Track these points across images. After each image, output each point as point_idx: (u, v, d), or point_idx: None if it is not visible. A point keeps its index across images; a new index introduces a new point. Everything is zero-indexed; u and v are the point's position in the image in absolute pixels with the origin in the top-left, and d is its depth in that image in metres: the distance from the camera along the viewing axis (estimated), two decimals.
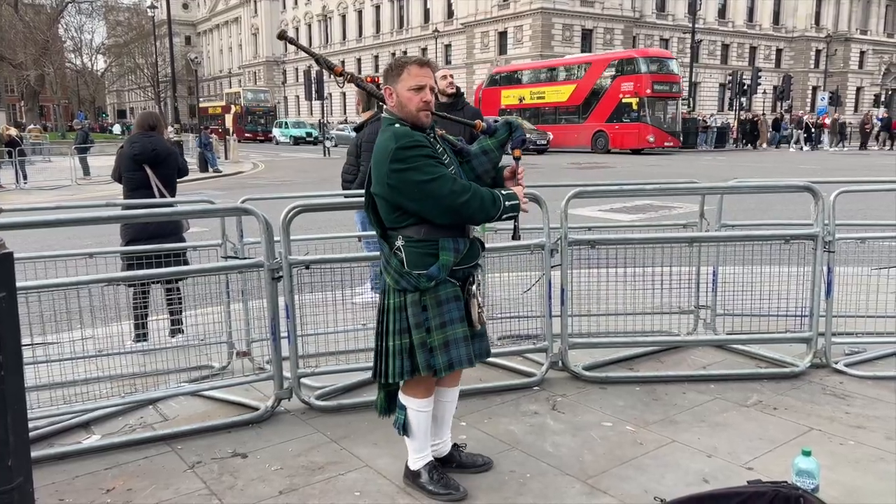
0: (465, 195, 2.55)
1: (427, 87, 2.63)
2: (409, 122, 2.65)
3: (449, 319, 2.68)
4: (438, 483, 2.86)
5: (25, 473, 1.59)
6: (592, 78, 33.24)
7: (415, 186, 2.54)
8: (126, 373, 3.92)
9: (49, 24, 50.75)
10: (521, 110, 34.95)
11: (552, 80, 35.85)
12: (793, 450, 2.98)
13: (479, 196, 2.59)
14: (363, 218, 6.04)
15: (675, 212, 10.83)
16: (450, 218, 2.61)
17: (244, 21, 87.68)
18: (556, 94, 35.05)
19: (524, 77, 37.76)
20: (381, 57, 69.72)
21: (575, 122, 33.78)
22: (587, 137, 32.65)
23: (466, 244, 2.70)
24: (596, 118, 32.67)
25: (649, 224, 8.64)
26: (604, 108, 32.34)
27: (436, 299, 2.66)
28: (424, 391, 2.81)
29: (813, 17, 66.18)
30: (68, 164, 21.47)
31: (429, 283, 2.63)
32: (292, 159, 32.03)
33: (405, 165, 2.54)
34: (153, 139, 5.14)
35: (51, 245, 6.68)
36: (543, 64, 39.81)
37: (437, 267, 2.63)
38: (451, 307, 2.68)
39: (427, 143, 2.60)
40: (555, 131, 33.25)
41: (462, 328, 2.71)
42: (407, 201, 2.58)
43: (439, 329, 2.67)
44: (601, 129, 32.20)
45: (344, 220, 7.17)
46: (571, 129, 33.54)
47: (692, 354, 4.57)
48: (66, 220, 3.55)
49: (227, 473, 3.11)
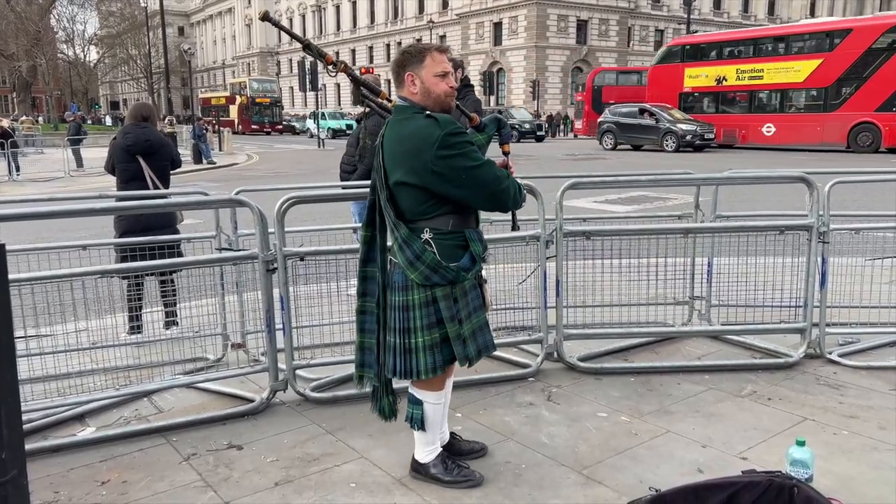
0: (505, 181, 2.61)
1: (450, 73, 2.66)
2: (437, 108, 2.60)
3: (474, 308, 2.72)
4: (454, 472, 2.87)
5: (20, 466, 1.58)
6: (854, 50, 24.18)
7: (463, 172, 2.51)
8: (121, 365, 3.91)
9: (41, 14, 50.39)
10: (714, 94, 28.37)
11: (777, 54, 26.67)
12: (787, 440, 2.99)
13: (514, 183, 2.67)
14: (360, 209, 6.02)
15: (671, 203, 10.84)
16: (490, 204, 2.64)
17: (238, 11, 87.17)
18: (784, 73, 26.00)
19: (725, 50, 28.88)
20: (376, 48, 69.50)
21: (818, 110, 25.30)
22: (840, 131, 24.15)
23: (482, 234, 2.76)
24: (857, 105, 24.05)
25: (644, 215, 8.65)
26: (873, 92, 23.66)
27: (462, 290, 2.67)
28: (441, 383, 2.81)
29: (808, 7, 66.22)
30: (61, 156, 21.39)
31: (466, 275, 2.63)
32: (287, 151, 31.94)
33: (454, 152, 2.50)
34: (146, 130, 5.11)
35: (44, 237, 6.65)
36: (762, 32, 30.05)
37: (469, 258, 2.64)
38: (474, 295, 2.73)
39: (466, 131, 2.64)
40: (779, 123, 25.90)
41: (484, 315, 2.77)
42: (453, 188, 2.54)
43: (468, 319, 2.69)
44: (868, 121, 23.65)
45: (339, 211, 7.15)
46: (810, 121, 25.16)
47: (687, 345, 4.58)
48: (58, 211, 3.53)
49: (222, 465, 3.11)
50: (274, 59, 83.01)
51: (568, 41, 54.66)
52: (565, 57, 54.69)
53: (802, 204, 4.30)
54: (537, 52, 53.17)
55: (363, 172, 5.79)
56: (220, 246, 4.44)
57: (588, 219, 5.44)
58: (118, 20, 68.69)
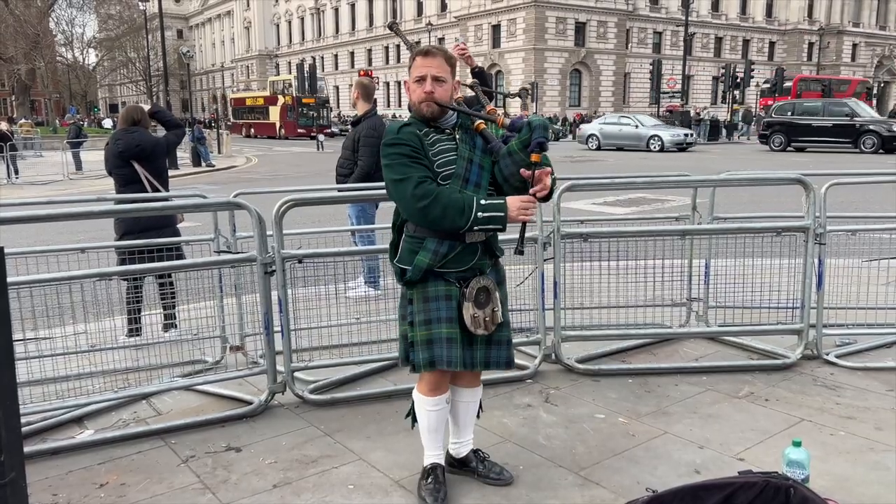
0: (424, 200, 2.44)
1: (428, 78, 2.54)
2: (416, 114, 2.61)
3: (435, 318, 2.59)
4: (428, 488, 2.79)
5: (18, 469, 1.59)
6: None
7: (389, 184, 2.56)
8: (119, 367, 3.91)
9: (40, 17, 50.35)
10: None
11: None
12: (784, 440, 3.00)
13: (441, 204, 2.44)
14: (357, 212, 6.04)
15: (669, 205, 10.85)
16: (416, 220, 2.55)
17: (236, 14, 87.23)
18: None
19: None
20: (375, 51, 69.56)
21: None
22: None
23: (454, 248, 2.56)
24: None
25: (642, 217, 8.66)
26: None
27: (423, 295, 2.62)
28: (426, 387, 2.75)
29: (806, 9, 66.35)
30: (60, 159, 21.38)
31: (402, 278, 2.64)
32: (285, 153, 31.94)
33: (385, 162, 2.56)
34: (136, 134, 5.06)
35: (43, 240, 6.66)
36: None
37: (412, 266, 2.59)
38: (440, 306, 2.60)
39: (409, 142, 2.52)
40: None
41: (448, 328, 2.59)
42: (391, 197, 2.62)
43: (423, 325, 2.60)
44: None
45: (337, 214, 7.16)
46: None
47: (684, 346, 4.59)
48: (57, 214, 3.54)
49: (220, 467, 3.12)
50: (273, 62, 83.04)
51: (566, 43, 54.73)
52: (564, 59, 54.75)
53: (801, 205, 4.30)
54: (536, 55, 53.23)
55: (358, 175, 5.81)
56: (218, 248, 4.45)
57: (586, 220, 5.45)
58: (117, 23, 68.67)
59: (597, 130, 29.99)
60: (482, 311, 2.60)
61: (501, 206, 2.48)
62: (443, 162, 2.56)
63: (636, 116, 31.07)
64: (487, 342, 2.67)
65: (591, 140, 29.89)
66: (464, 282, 2.60)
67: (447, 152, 2.58)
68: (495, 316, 2.62)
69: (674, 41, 59.62)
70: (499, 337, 2.69)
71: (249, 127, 50.28)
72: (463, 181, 2.55)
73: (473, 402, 2.90)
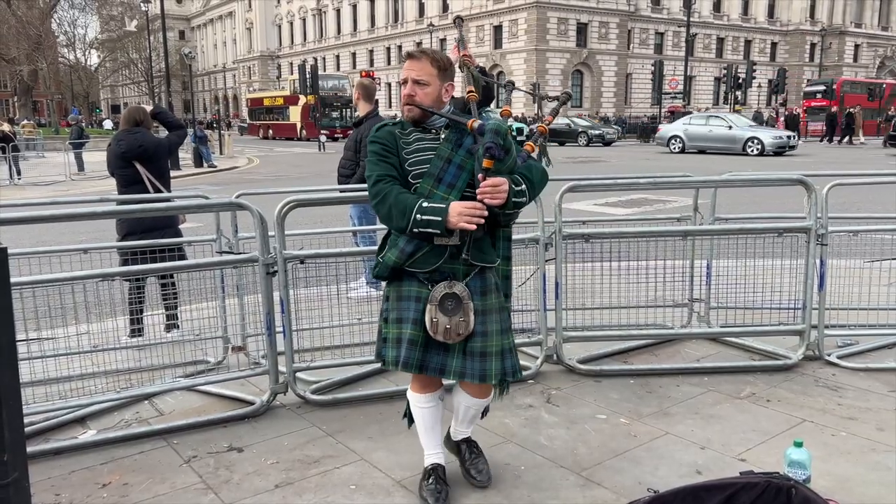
0: (377, 198, 2.53)
1: (409, 81, 2.56)
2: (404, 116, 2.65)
3: (405, 317, 2.57)
4: (429, 489, 2.78)
5: (21, 469, 1.59)
6: None
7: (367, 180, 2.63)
8: (122, 368, 3.92)
9: (42, 18, 50.36)
10: None
11: None
12: (785, 441, 3.00)
13: (388, 203, 2.48)
14: (359, 213, 6.04)
15: (671, 205, 10.85)
16: (382, 219, 2.59)
17: (238, 15, 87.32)
18: None
19: None
20: (376, 51, 69.59)
21: None
22: None
23: (421, 248, 2.51)
24: None
25: (644, 218, 8.66)
26: None
27: (397, 293, 2.61)
28: (416, 384, 2.77)
29: (808, 10, 66.31)
30: (62, 160, 21.38)
31: (373, 272, 2.67)
32: (287, 154, 31.96)
33: (366, 160, 2.67)
34: (138, 135, 5.07)
35: (45, 240, 6.67)
36: None
37: (381, 262, 2.61)
38: (409, 306, 2.57)
39: (382, 140, 2.59)
40: None
41: (412, 331, 2.54)
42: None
43: (395, 323, 2.60)
44: None
45: (339, 214, 7.16)
46: None
47: (686, 347, 4.59)
48: (60, 215, 3.54)
49: (222, 468, 3.12)
50: (274, 63, 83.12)
51: (568, 44, 54.75)
52: (565, 60, 54.76)
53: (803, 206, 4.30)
54: (537, 55, 53.24)
55: (361, 176, 5.81)
56: (220, 249, 4.46)
57: (587, 221, 5.45)
58: (119, 24, 68.74)
59: (681, 132, 27.00)
60: (448, 318, 2.49)
61: (441, 210, 2.41)
62: (415, 161, 2.55)
63: (728, 116, 27.79)
64: (462, 351, 2.56)
65: (674, 142, 27.10)
66: (433, 284, 2.53)
67: (423, 151, 2.56)
68: (461, 325, 2.50)
69: (675, 42, 59.63)
70: (471, 348, 2.55)
71: (267, 128, 48.52)
72: (435, 181, 2.52)
73: (475, 408, 2.86)
